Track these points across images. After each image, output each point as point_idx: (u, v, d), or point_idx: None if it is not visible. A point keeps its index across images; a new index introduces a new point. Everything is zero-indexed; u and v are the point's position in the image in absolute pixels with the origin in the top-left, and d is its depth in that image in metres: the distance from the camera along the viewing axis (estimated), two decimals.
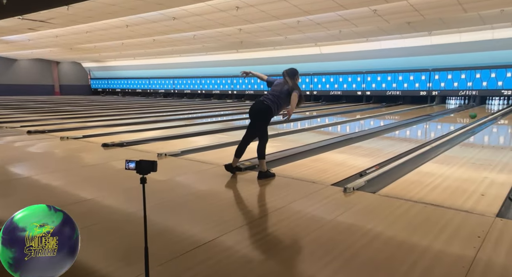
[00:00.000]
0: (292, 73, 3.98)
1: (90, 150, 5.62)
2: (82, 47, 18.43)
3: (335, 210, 2.87)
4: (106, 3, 8.43)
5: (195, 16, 10.70)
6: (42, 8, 6.65)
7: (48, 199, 3.30)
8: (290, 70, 4.01)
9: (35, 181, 3.85)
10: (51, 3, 6.06)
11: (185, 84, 24.17)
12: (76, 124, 8.85)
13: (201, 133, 7.41)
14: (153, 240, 2.11)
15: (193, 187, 3.67)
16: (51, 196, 3.41)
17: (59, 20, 10.84)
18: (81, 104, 16.93)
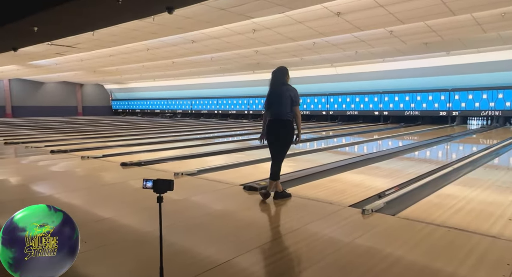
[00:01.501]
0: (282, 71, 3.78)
1: (110, 169, 5.74)
2: (105, 70, 19.24)
3: (353, 232, 2.79)
4: (129, 28, 8.85)
5: (213, 39, 11.05)
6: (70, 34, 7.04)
7: None
8: (279, 69, 3.83)
9: (56, 200, 3.94)
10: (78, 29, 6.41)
11: (202, 105, 24.65)
12: (97, 144, 9.09)
13: (217, 153, 7.46)
14: (169, 261, 2.10)
15: (209, 207, 3.66)
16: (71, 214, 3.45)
17: (85, 44, 11.43)
18: (102, 125, 17.46)
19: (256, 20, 8.83)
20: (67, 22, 5.73)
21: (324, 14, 8.36)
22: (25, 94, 26.17)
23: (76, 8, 4.67)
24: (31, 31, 5.82)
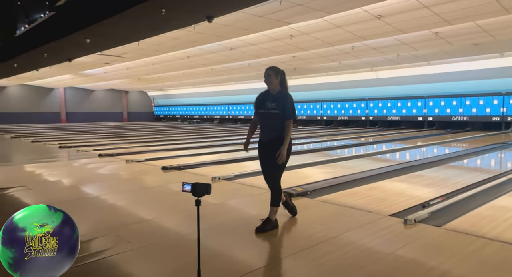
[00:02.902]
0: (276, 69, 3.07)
1: (151, 172, 6.00)
2: (148, 77, 20.23)
3: (393, 243, 2.67)
4: (171, 37, 9.25)
5: (250, 45, 11.21)
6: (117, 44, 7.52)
7: (113, 218, 3.56)
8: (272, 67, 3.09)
9: (103, 201, 4.19)
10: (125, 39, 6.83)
11: (239, 110, 25.01)
12: (140, 148, 9.55)
13: (254, 158, 7.49)
14: (206, 263, 2.15)
15: (245, 212, 3.69)
16: (116, 215, 3.67)
17: (131, 54, 12.13)
18: (145, 130, 18.33)
19: (294, 25, 8.83)
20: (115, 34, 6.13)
21: (364, 17, 8.16)
22: (77, 101, 28.24)
23: (123, 20, 4.98)
24: (84, 43, 6.30)
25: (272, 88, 3.08)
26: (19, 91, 25.38)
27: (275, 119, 3.01)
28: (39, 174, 6.08)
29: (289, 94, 3.06)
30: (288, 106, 2.99)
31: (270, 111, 3.03)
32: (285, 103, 2.99)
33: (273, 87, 3.07)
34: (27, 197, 4.26)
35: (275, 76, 3.04)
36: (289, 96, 3.04)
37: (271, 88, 3.09)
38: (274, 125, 3.03)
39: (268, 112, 3.04)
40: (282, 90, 3.09)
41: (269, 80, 3.06)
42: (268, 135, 3.07)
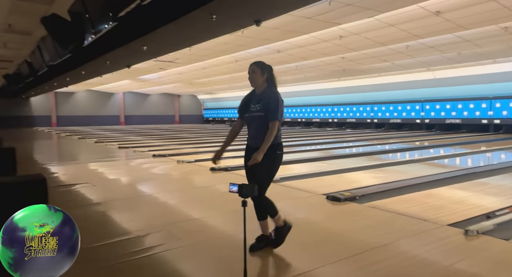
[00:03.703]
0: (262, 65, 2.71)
1: (200, 173, 6.22)
2: (198, 81, 21.04)
3: (452, 255, 2.47)
4: (220, 42, 9.54)
5: (298, 48, 11.14)
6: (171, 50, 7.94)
7: (165, 215, 3.75)
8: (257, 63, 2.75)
9: (156, 199, 4.43)
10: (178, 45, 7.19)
11: (285, 113, 24.86)
12: (190, 149, 9.95)
13: (300, 161, 7.43)
14: (252, 264, 2.17)
15: (290, 215, 3.66)
16: (167, 213, 3.87)
17: (183, 59, 12.72)
18: (195, 132, 19.07)
19: (343, 26, 8.61)
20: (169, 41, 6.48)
21: (420, 14, 7.70)
22: (134, 105, 30.27)
23: (176, 27, 5.25)
24: (141, 50, 6.74)
25: (257, 87, 2.67)
26: (86, 96, 27.89)
27: (260, 122, 2.56)
28: (101, 172, 6.61)
29: (275, 92, 2.62)
30: (272, 106, 2.53)
31: (255, 114, 2.59)
32: (268, 102, 2.54)
33: (258, 85, 2.66)
34: (91, 193, 4.65)
35: (260, 73, 2.63)
36: (275, 94, 2.60)
37: (256, 87, 2.68)
38: (260, 129, 2.57)
39: (252, 115, 2.62)
40: (268, 88, 2.65)
41: (253, 77, 2.64)
42: (256, 141, 2.60)
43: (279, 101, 2.57)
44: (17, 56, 11.71)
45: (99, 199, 4.30)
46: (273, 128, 2.51)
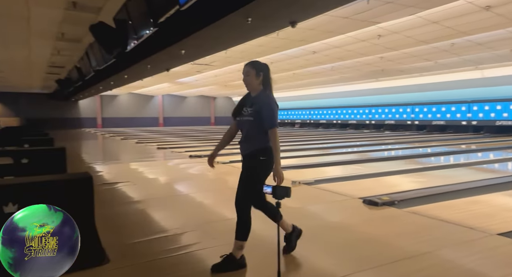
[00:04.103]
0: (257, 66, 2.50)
1: (235, 173, 6.27)
2: (234, 84, 21.35)
3: (503, 266, 2.29)
4: (255, 44, 9.62)
5: (334, 48, 10.94)
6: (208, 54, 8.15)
7: (200, 215, 3.84)
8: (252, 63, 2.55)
9: (192, 198, 4.55)
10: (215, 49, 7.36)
11: (320, 114, 24.56)
12: (225, 151, 10.08)
13: (335, 163, 7.28)
14: (285, 266, 2.16)
15: (326, 218, 3.60)
16: (202, 212, 3.96)
17: (219, 62, 12.98)
18: None
19: (382, 24, 8.33)
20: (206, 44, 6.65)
21: (468, 9, 7.24)
22: (172, 107, 31.37)
23: (213, 31, 5.37)
24: (179, 54, 6.98)
25: (252, 90, 2.48)
26: (128, 98, 29.36)
27: (249, 127, 2.38)
28: (141, 171, 6.92)
29: (269, 97, 2.42)
30: (266, 113, 2.33)
31: (244, 118, 2.41)
32: (261, 108, 2.34)
33: (253, 88, 2.46)
34: (132, 192, 4.88)
35: (255, 75, 2.43)
36: (269, 99, 2.40)
37: (251, 90, 2.49)
38: (250, 135, 2.39)
39: (242, 120, 2.43)
40: (263, 92, 2.44)
41: (247, 80, 2.46)
42: (243, 148, 2.45)
43: (273, 107, 2.37)
44: (68, 62, 12.61)
45: (139, 197, 4.50)
46: (275, 137, 2.33)
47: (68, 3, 6.13)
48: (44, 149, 5.99)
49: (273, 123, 2.34)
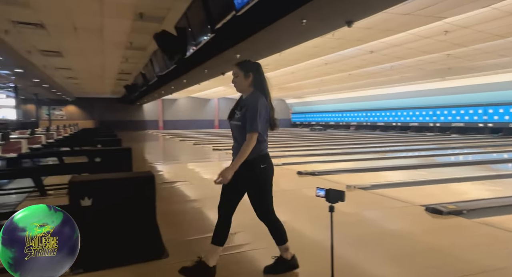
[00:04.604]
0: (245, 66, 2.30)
1: (287, 176, 6.28)
2: (287, 86, 21.32)
3: None
4: (310, 46, 9.50)
5: (393, 47, 10.37)
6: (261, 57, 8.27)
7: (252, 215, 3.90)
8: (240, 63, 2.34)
9: (244, 199, 4.57)
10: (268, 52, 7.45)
11: (378, 116, 23.41)
12: (278, 153, 10.13)
13: (394, 168, 6.89)
14: (339, 272, 2.10)
15: (383, 225, 3.42)
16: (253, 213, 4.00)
17: (272, 65, 13.08)
18: (282, 136, 19.36)
19: (449, 19, 7.69)
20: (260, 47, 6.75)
21: None
22: (227, 110, 31.91)
23: (267, 34, 5.44)
24: (235, 58, 7.18)
25: (242, 92, 2.32)
26: (186, 102, 30.97)
27: (238, 132, 2.26)
28: (197, 171, 7.24)
29: (256, 97, 2.22)
30: (247, 115, 2.16)
31: (233, 122, 2.29)
32: (246, 111, 2.19)
33: (242, 89, 2.31)
34: (189, 190, 5.13)
35: (244, 76, 2.25)
36: (255, 99, 2.20)
37: (241, 92, 2.33)
38: (238, 140, 2.26)
39: (231, 124, 2.32)
40: (253, 93, 2.26)
41: (235, 81, 2.30)
42: (234, 152, 2.31)
43: (258, 108, 2.15)
44: (135, 69, 13.71)
45: (195, 196, 4.71)
46: (249, 142, 2.13)
47: (136, 15, 6.68)
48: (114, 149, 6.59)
49: (252, 127, 2.14)
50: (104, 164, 5.47)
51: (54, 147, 9.59)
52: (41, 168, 6.12)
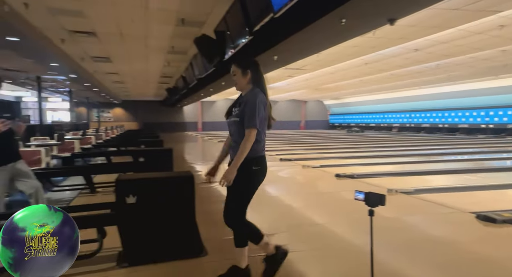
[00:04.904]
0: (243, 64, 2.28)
1: (325, 178, 6.17)
2: (325, 87, 20.97)
3: None
4: (349, 45, 9.27)
5: (440, 44, 9.80)
6: (299, 58, 8.21)
7: (289, 217, 3.89)
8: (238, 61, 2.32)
9: (281, 201, 4.64)
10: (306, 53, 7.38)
11: (422, 117, 22.21)
12: (315, 155, 10.00)
13: (440, 172, 6.51)
14: None
15: (426, 231, 3.25)
16: (291, 215, 3.99)
17: (310, 66, 12.93)
18: (320, 137, 19.06)
19: (505, 13, 7.12)
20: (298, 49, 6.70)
21: None
22: None
23: (305, 35, 5.39)
24: (272, 59, 7.21)
25: (240, 89, 2.30)
26: (224, 104, 31.53)
27: (236, 128, 2.21)
28: None
29: (256, 95, 2.18)
30: (246, 111, 2.13)
31: (231, 119, 2.25)
32: (244, 106, 2.16)
33: (241, 87, 2.28)
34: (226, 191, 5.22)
35: (241, 74, 2.23)
36: (254, 96, 2.17)
37: (239, 89, 2.31)
38: (236, 137, 2.21)
39: (229, 121, 2.28)
40: (252, 90, 2.23)
41: (234, 79, 2.29)
42: (234, 152, 2.24)
43: (256, 104, 2.12)
44: (176, 73, 14.24)
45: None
46: (248, 138, 2.08)
47: (178, 20, 6.95)
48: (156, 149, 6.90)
49: (251, 123, 2.10)
50: (147, 163, 5.75)
51: (103, 147, 10.26)
52: (92, 167, 6.58)
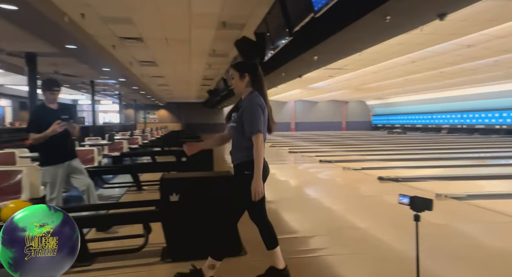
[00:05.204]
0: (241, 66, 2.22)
1: (366, 181, 5.97)
2: (367, 87, 20.26)
3: None
4: (393, 43, 8.88)
5: (498, 39, 9.04)
6: (340, 58, 8.03)
7: (329, 220, 3.82)
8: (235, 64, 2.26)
9: (321, 203, 4.56)
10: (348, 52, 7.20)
11: (477, 118, 20.63)
12: (357, 157, 9.70)
13: (497, 177, 6.01)
14: None
15: (479, 240, 3.02)
16: (332, 218, 3.92)
17: (351, 65, 12.57)
18: (362, 139, 18.45)
19: None
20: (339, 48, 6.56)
21: None
22: (304, 112, 32.13)
23: (347, 34, 5.26)
24: (312, 60, 7.13)
25: (239, 92, 2.24)
26: None
27: (235, 134, 2.18)
28: (273, 173, 7.35)
29: (252, 99, 2.12)
30: (245, 118, 2.08)
31: (230, 124, 2.22)
32: (242, 113, 2.11)
33: (239, 91, 2.23)
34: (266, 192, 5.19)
35: (239, 77, 2.17)
36: (251, 102, 2.11)
37: (238, 93, 2.25)
38: (235, 142, 2.18)
39: (229, 126, 2.24)
40: (250, 94, 2.17)
41: (232, 83, 2.25)
42: (232, 157, 2.24)
43: (254, 110, 2.08)
44: (217, 75, 14.60)
45: (271, 197, 4.80)
46: (256, 145, 2.06)
47: (219, 24, 7.13)
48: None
49: (253, 129, 2.06)
50: (189, 163, 5.95)
51: (148, 147, 10.81)
52: (138, 165, 6.96)
